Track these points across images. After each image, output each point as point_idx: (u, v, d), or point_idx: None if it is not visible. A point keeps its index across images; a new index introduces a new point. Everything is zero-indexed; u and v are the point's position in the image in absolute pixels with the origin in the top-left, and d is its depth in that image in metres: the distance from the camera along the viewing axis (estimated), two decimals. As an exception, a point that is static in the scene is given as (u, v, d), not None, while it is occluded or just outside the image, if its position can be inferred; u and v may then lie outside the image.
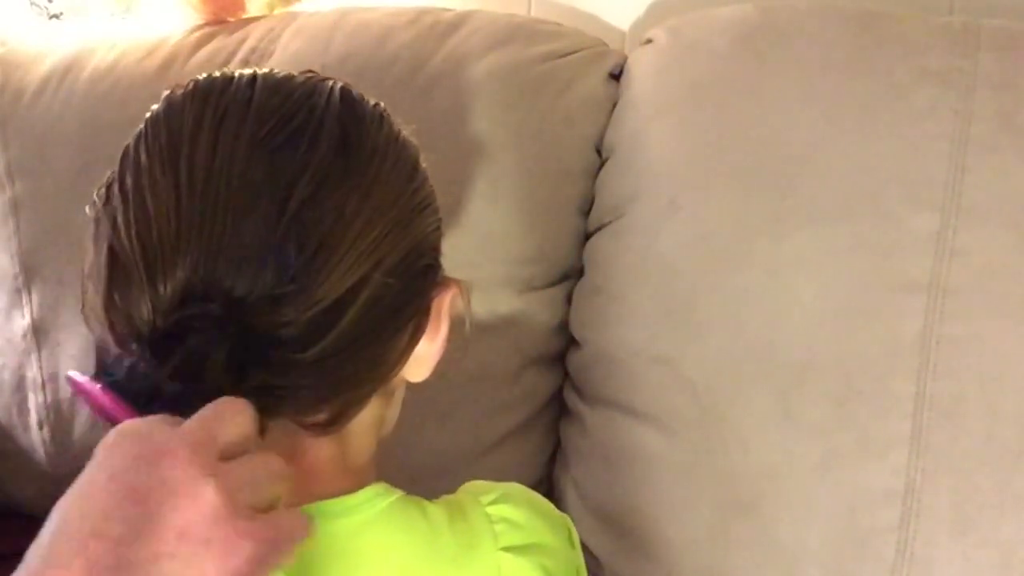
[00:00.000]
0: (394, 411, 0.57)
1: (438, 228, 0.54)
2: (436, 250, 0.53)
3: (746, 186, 0.74)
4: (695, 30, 0.82)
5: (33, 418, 0.96)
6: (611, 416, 0.79)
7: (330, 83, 0.52)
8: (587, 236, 0.84)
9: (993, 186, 0.69)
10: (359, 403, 0.51)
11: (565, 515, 0.62)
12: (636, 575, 0.78)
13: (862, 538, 0.70)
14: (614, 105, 0.84)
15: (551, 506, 0.62)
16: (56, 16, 1.14)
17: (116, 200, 0.49)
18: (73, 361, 0.93)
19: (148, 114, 0.50)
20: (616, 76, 0.86)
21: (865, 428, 0.70)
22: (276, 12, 1.00)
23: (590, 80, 0.85)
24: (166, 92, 0.51)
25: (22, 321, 0.96)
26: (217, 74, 0.50)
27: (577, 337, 0.82)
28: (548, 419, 0.86)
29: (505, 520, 0.55)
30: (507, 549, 0.54)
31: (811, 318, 0.71)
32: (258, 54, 0.92)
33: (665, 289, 0.76)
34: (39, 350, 0.95)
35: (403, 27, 0.88)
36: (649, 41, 0.85)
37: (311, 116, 0.49)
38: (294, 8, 1.01)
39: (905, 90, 0.72)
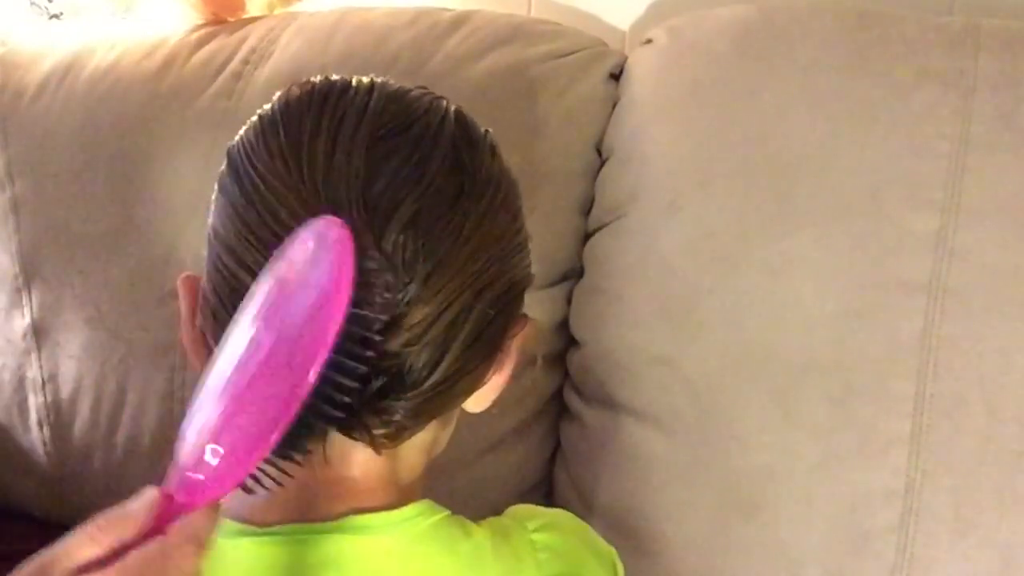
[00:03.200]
0: (447, 434, 0.57)
1: (530, 267, 0.54)
2: (526, 289, 0.53)
3: (746, 186, 0.74)
4: (695, 30, 0.82)
5: (33, 418, 0.96)
6: (611, 416, 0.79)
7: (445, 102, 0.52)
8: (587, 236, 0.84)
9: (993, 186, 0.69)
10: (419, 426, 0.50)
11: (611, 548, 0.62)
12: (636, 575, 0.77)
13: (862, 538, 0.70)
14: (614, 105, 0.84)
15: (598, 537, 0.61)
16: (56, 16, 1.14)
17: (235, 195, 0.49)
18: (73, 361, 0.93)
19: (261, 111, 0.50)
20: (616, 76, 0.86)
21: (865, 428, 0.70)
22: (276, 12, 1.00)
23: (590, 80, 0.84)
24: (279, 93, 0.51)
25: (22, 321, 0.96)
26: (336, 78, 0.51)
27: (577, 337, 0.82)
28: (548, 419, 0.86)
29: (549, 548, 0.54)
30: None
31: (811, 318, 0.71)
32: (258, 54, 0.92)
33: (665, 289, 0.76)
34: (39, 350, 0.95)
35: (403, 27, 0.88)
36: (649, 41, 0.85)
37: (427, 130, 0.49)
38: (294, 8, 1.01)
39: (905, 90, 0.72)
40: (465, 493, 0.62)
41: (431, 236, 0.46)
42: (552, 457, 0.87)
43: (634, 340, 0.77)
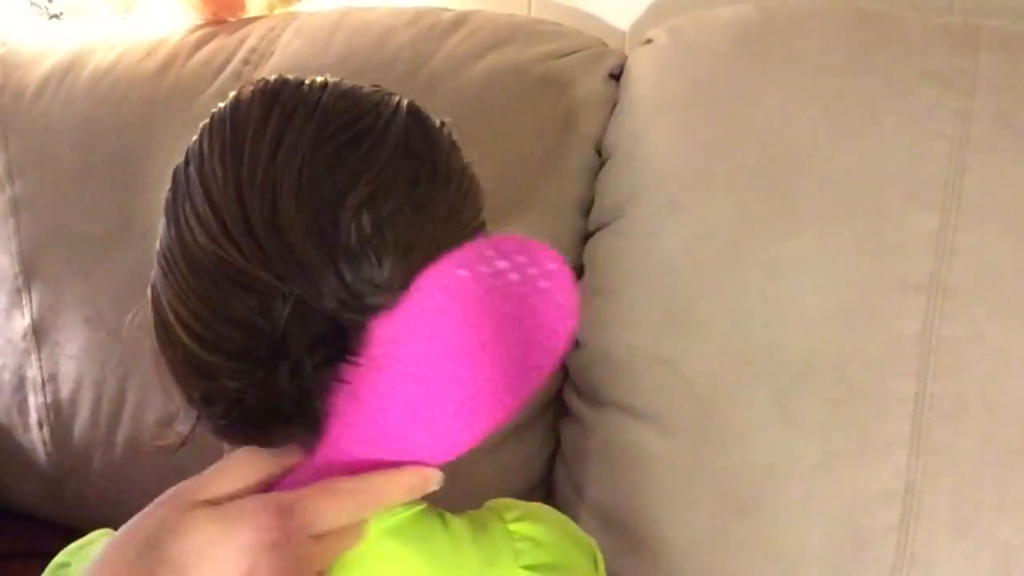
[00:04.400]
0: None
1: None
2: None
3: (746, 186, 0.74)
4: (695, 30, 0.82)
5: (33, 418, 0.96)
6: (611, 416, 0.79)
7: (398, 98, 0.52)
8: (587, 236, 0.84)
9: (993, 186, 0.69)
10: None
11: (591, 538, 0.62)
12: (636, 575, 0.77)
13: (862, 538, 0.70)
14: (614, 105, 0.84)
15: (576, 527, 0.61)
16: (56, 16, 1.14)
17: (189, 195, 0.49)
18: (73, 361, 0.94)
19: (214, 110, 0.51)
20: (616, 76, 0.86)
21: (865, 428, 0.70)
22: (276, 12, 1.00)
23: (590, 80, 0.84)
24: (234, 92, 0.51)
25: (22, 321, 0.96)
26: (289, 76, 0.51)
27: (577, 337, 0.82)
28: (548, 419, 0.86)
29: (527, 539, 0.54)
30: (527, 568, 0.53)
31: (811, 318, 0.71)
32: (258, 54, 0.92)
33: (665, 289, 0.76)
34: (39, 350, 0.95)
35: (403, 27, 0.88)
36: (649, 41, 0.85)
37: (377, 121, 0.49)
38: (294, 8, 1.01)
39: (905, 90, 0.72)
40: (465, 493, 0.62)
41: (391, 219, 0.47)
42: (552, 457, 0.87)
43: (634, 340, 0.77)
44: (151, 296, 0.51)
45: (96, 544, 0.56)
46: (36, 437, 0.97)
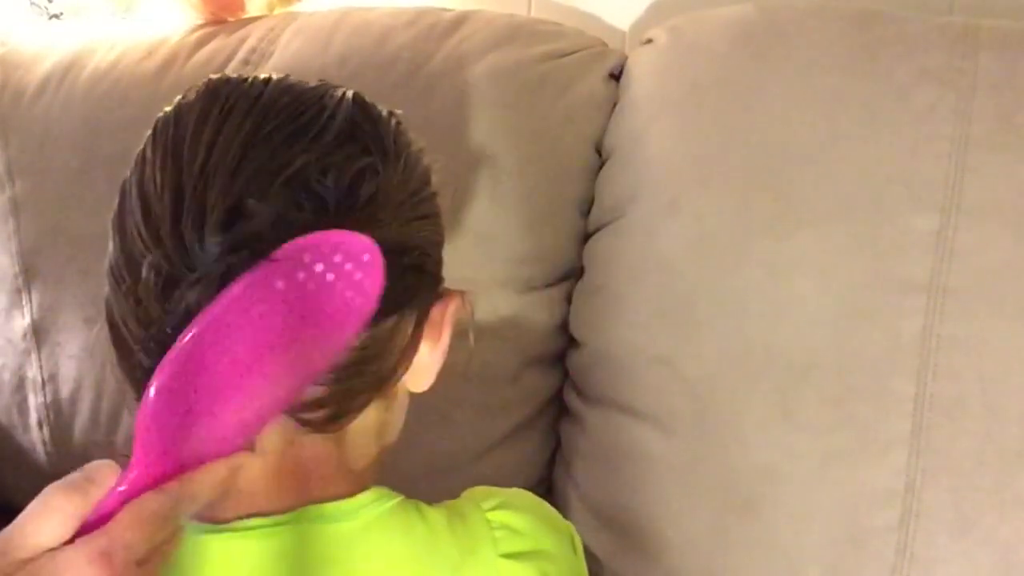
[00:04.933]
0: (396, 418, 0.57)
1: (435, 238, 0.53)
2: (426, 254, 0.53)
3: (746, 186, 0.74)
4: (695, 30, 0.82)
5: (33, 418, 0.96)
6: (611, 416, 0.79)
7: (342, 89, 0.52)
8: (587, 236, 0.84)
9: (993, 186, 0.69)
10: (358, 405, 0.50)
11: (569, 523, 0.62)
12: (636, 575, 0.78)
13: (862, 538, 0.70)
14: (614, 105, 0.84)
15: (555, 512, 0.61)
16: (56, 16, 1.14)
17: (127, 205, 0.49)
18: (73, 361, 0.94)
19: (159, 115, 0.50)
20: (616, 76, 0.86)
21: (865, 428, 0.70)
22: (276, 12, 1.00)
23: (590, 80, 0.84)
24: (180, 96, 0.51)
25: (22, 321, 0.96)
26: (232, 74, 0.51)
27: (577, 337, 0.82)
28: (548, 419, 0.86)
29: (505, 526, 0.55)
30: (506, 556, 0.53)
31: (811, 318, 0.71)
32: (258, 54, 0.92)
33: (665, 289, 0.76)
34: (39, 350, 0.95)
35: (403, 27, 0.88)
36: (649, 41, 0.85)
37: (320, 114, 0.49)
38: (294, 8, 1.01)
39: (905, 90, 0.72)
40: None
41: (321, 191, 0.46)
42: (552, 457, 0.87)
43: (634, 340, 0.77)
44: (106, 312, 0.50)
45: None
46: (36, 437, 0.97)
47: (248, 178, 0.46)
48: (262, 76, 0.51)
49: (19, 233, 0.95)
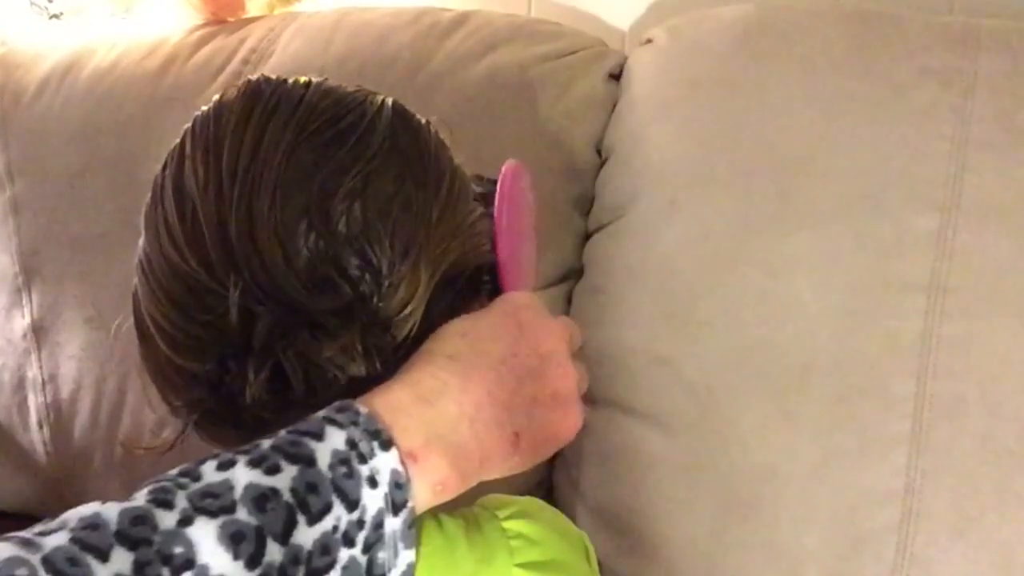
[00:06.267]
0: None
1: (488, 250, 0.55)
2: (481, 270, 0.55)
3: (746, 186, 0.74)
4: (695, 30, 0.82)
5: (33, 418, 0.96)
6: (611, 416, 0.79)
7: (382, 96, 0.53)
8: (587, 236, 0.84)
9: (993, 186, 0.69)
10: None
11: (583, 532, 0.62)
12: (636, 575, 0.77)
13: (862, 538, 0.70)
14: (614, 105, 0.84)
15: (569, 522, 0.61)
16: (56, 16, 1.14)
17: (161, 200, 0.50)
18: (73, 361, 0.94)
19: (197, 113, 0.51)
20: (616, 76, 0.86)
21: (865, 428, 0.70)
22: (276, 12, 1.00)
23: (590, 80, 0.84)
24: (219, 94, 0.52)
25: (22, 321, 0.96)
26: (272, 76, 0.52)
27: (577, 337, 0.82)
28: (548, 419, 0.86)
29: (521, 536, 0.54)
30: (522, 565, 0.53)
31: (811, 318, 0.71)
32: (258, 54, 0.92)
33: (665, 289, 0.76)
34: (39, 350, 0.95)
35: (403, 27, 0.88)
36: (649, 41, 0.85)
37: (362, 119, 0.50)
38: (294, 8, 1.01)
39: (905, 90, 0.72)
40: (465, 493, 0.62)
41: (381, 212, 0.48)
42: (552, 457, 0.87)
43: (634, 340, 0.77)
44: (133, 305, 0.51)
45: None
46: (36, 437, 0.97)
47: (292, 190, 0.47)
48: (302, 79, 0.52)
49: (19, 233, 0.95)
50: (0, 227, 0.96)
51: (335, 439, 0.42)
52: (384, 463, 0.43)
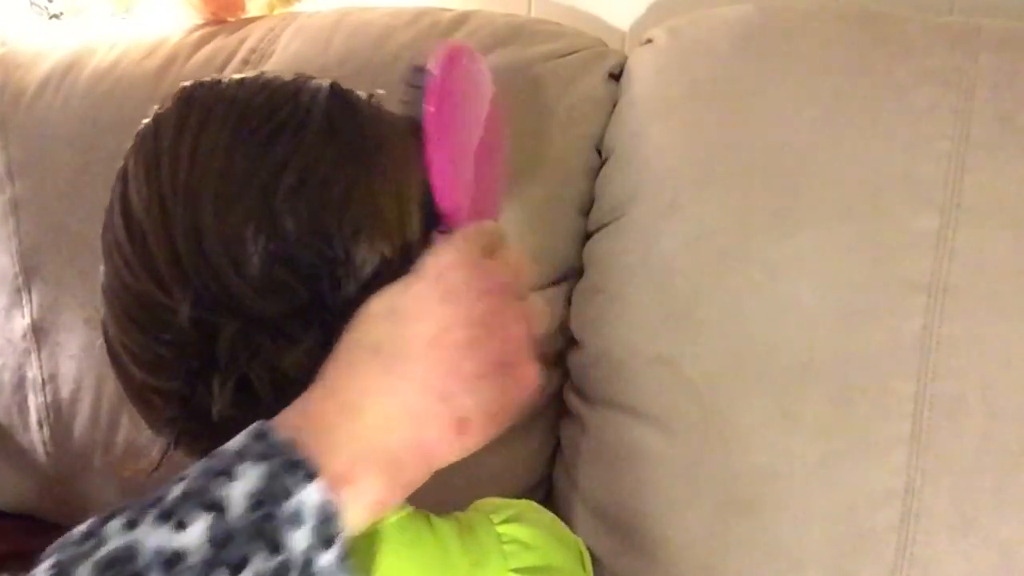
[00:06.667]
0: None
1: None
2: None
3: (746, 186, 0.74)
4: (695, 30, 0.82)
5: (33, 418, 0.96)
6: (611, 416, 0.79)
7: (318, 81, 0.51)
8: (587, 236, 0.84)
9: (993, 186, 0.69)
10: None
11: (578, 538, 0.61)
12: (636, 575, 0.77)
13: (862, 538, 0.70)
14: (614, 105, 0.84)
15: (564, 527, 0.61)
16: (56, 16, 1.14)
17: (111, 223, 0.49)
18: (73, 361, 0.94)
19: (139, 128, 0.50)
20: (616, 76, 0.86)
21: (865, 428, 0.70)
22: (276, 12, 1.00)
23: (590, 80, 0.84)
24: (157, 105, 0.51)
25: (22, 321, 0.96)
26: (206, 78, 0.51)
27: (577, 337, 0.82)
28: (548, 419, 0.86)
29: (516, 541, 0.54)
30: (516, 571, 0.53)
31: (811, 318, 0.71)
32: (258, 54, 0.92)
33: (665, 289, 0.76)
34: (39, 350, 0.95)
35: (403, 27, 0.88)
36: (649, 41, 0.85)
37: (296, 110, 0.48)
38: (294, 8, 1.01)
39: (905, 90, 0.72)
40: (465, 493, 0.62)
41: (325, 197, 0.47)
42: (552, 457, 0.87)
43: (634, 340, 0.77)
44: (102, 329, 0.51)
45: None
46: (36, 437, 0.97)
47: (234, 197, 0.46)
48: (236, 77, 0.50)
49: (19, 233, 0.95)
50: (0, 227, 0.96)
51: (250, 477, 0.39)
52: (309, 497, 0.39)
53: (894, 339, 0.70)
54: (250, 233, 0.46)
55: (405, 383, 0.43)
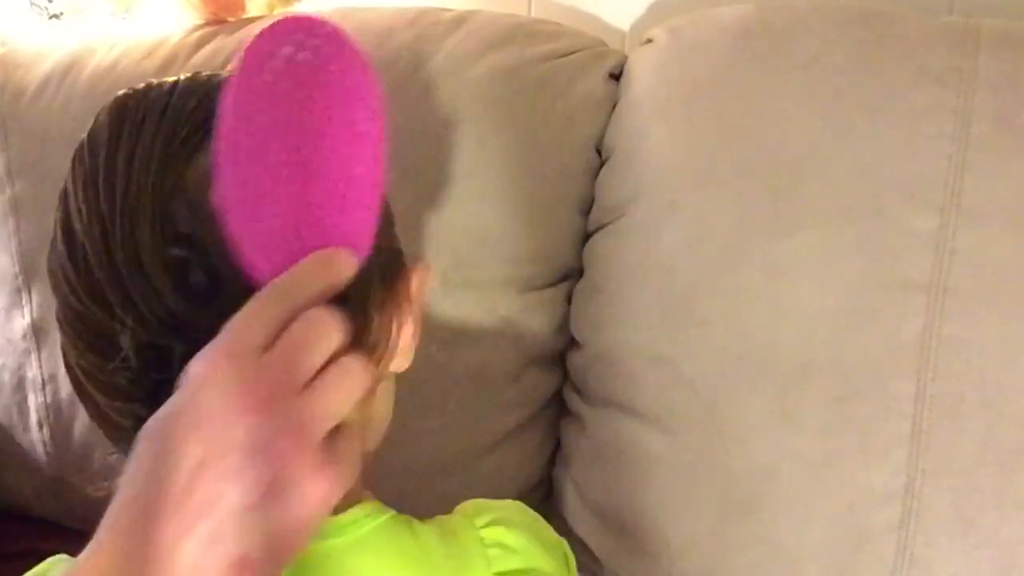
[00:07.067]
0: (380, 413, 0.55)
1: (392, 226, 0.52)
2: (398, 248, 0.52)
3: (746, 186, 0.74)
4: (695, 30, 0.82)
5: (33, 418, 0.96)
6: (611, 416, 0.79)
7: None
8: (587, 236, 0.84)
9: (993, 186, 0.69)
10: None
11: (562, 539, 0.61)
12: (636, 575, 0.77)
13: (862, 538, 0.70)
14: (614, 105, 0.84)
15: (548, 528, 0.60)
16: (56, 16, 1.14)
17: (54, 245, 0.48)
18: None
19: (77, 144, 0.49)
20: (616, 76, 0.86)
21: (865, 428, 0.70)
22: (276, 12, 1.00)
23: (590, 80, 0.84)
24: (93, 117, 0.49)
25: (22, 321, 0.96)
26: (140, 85, 0.49)
27: (577, 337, 0.82)
28: (548, 419, 0.86)
29: (499, 544, 0.54)
30: (500, 574, 0.53)
31: (811, 318, 0.71)
32: (258, 54, 0.92)
33: (665, 289, 0.76)
34: (39, 350, 0.95)
35: (403, 27, 0.88)
36: (649, 41, 0.85)
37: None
38: (294, 8, 1.01)
39: (905, 90, 0.72)
40: (465, 493, 0.62)
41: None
42: (552, 457, 0.87)
43: (634, 340, 0.77)
44: (63, 358, 0.49)
45: (52, 572, 0.54)
46: (36, 437, 0.97)
47: (168, 211, 0.44)
48: (168, 81, 0.49)
49: (19, 233, 0.95)
50: (0, 227, 0.96)
51: None
52: None
53: (894, 339, 0.70)
54: (188, 250, 0.43)
55: (168, 534, 0.38)
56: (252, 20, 0.98)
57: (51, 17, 1.14)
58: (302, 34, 0.45)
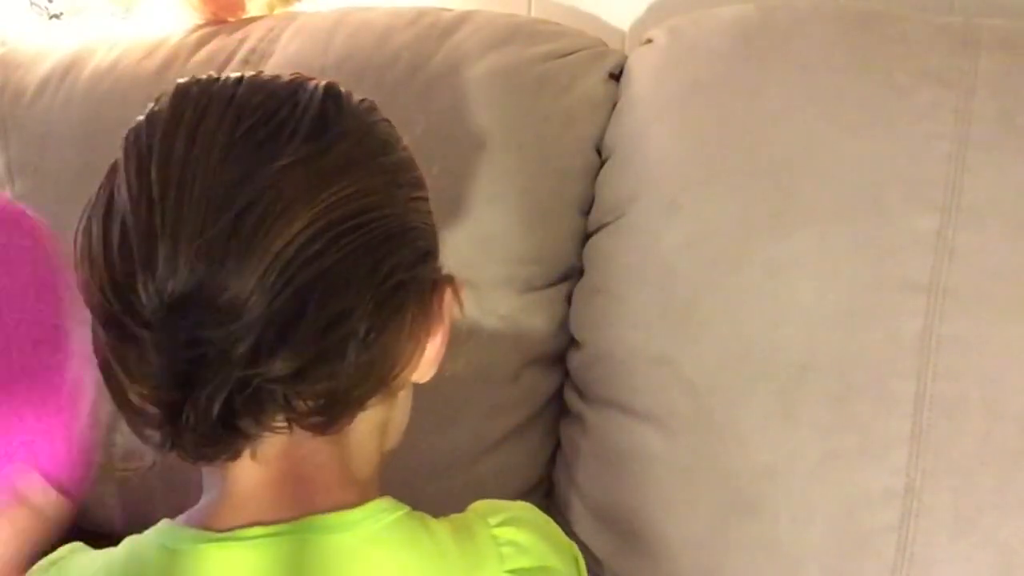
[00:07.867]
0: (400, 417, 0.56)
1: (433, 232, 0.53)
2: (433, 253, 0.52)
3: (746, 186, 0.74)
4: (695, 30, 0.82)
5: (33, 418, 0.96)
6: (611, 416, 0.79)
7: (315, 81, 0.50)
8: (587, 236, 0.84)
9: (993, 186, 0.69)
10: (357, 402, 0.49)
11: (572, 542, 0.62)
12: (636, 575, 0.77)
13: (862, 538, 0.70)
14: (614, 105, 0.84)
15: (559, 530, 0.61)
16: (56, 16, 1.14)
17: (90, 223, 0.49)
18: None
19: (130, 127, 0.49)
20: (616, 76, 0.86)
21: (865, 428, 0.70)
22: (276, 12, 1.00)
23: (590, 80, 0.84)
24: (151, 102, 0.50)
25: (22, 321, 0.96)
26: (203, 76, 0.50)
27: (577, 337, 0.82)
28: (548, 419, 0.86)
29: (512, 543, 0.54)
30: (512, 572, 0.53)
31: (811, 318, 0.71)
32: (258, 54, 0.92)
33: (665, 289, 0.76)
34: (39, 350, 0.95)
35: (403, 27, 0.88)
36: (649, 41, 0.85)
37: (293, 111, 0.47)
38: (294, 8, 1.01)
39: (905, 90, 0.72)
40: (465, 493, 0.62)
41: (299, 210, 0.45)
42: (552, 457, 0.87)
43: (634, 340, 0.77)
44: (92, 338, 0.50)
45: (67, 559, 0.55)
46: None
47: (222, 200, 0.44)
48: (234, 75, 0.49)
49: (19, 233, 0.95)
50: (0, 227, 0.96)
51: None
52: None
53: (894, 339, 0.70)
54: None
55: None
56: (252, 20, 0.98)
57: (51, 17, 1.14)
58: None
